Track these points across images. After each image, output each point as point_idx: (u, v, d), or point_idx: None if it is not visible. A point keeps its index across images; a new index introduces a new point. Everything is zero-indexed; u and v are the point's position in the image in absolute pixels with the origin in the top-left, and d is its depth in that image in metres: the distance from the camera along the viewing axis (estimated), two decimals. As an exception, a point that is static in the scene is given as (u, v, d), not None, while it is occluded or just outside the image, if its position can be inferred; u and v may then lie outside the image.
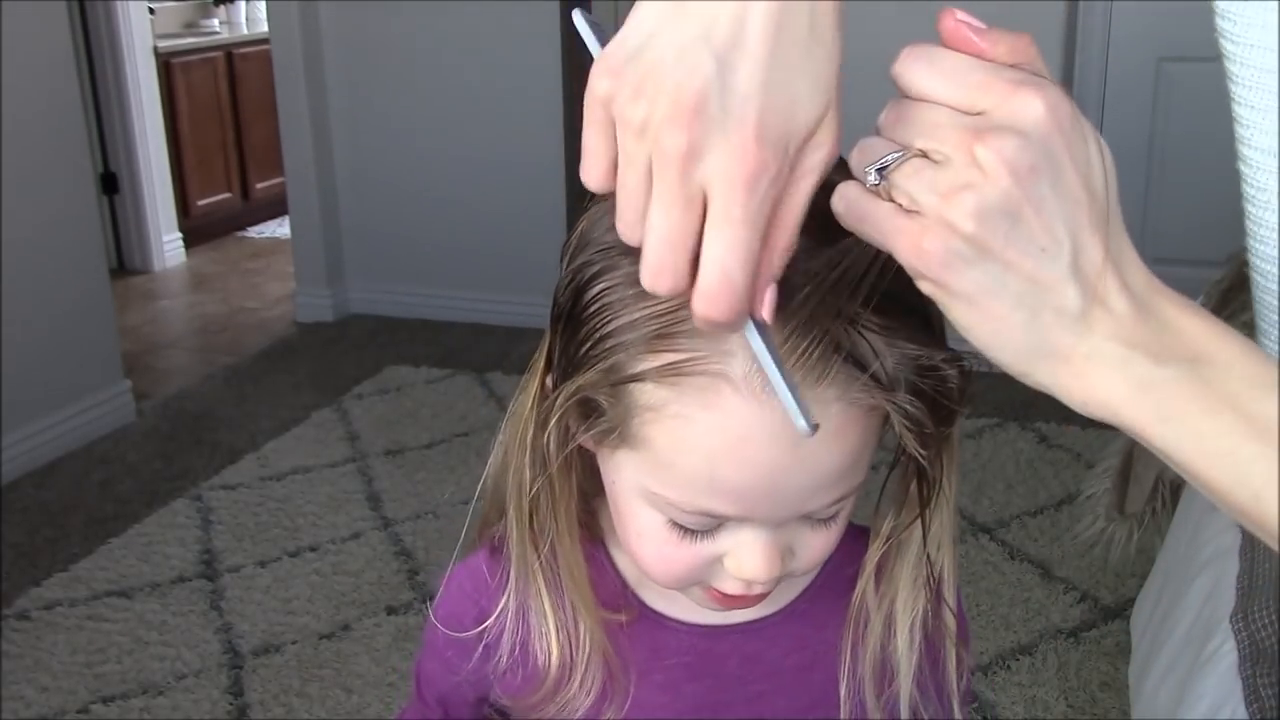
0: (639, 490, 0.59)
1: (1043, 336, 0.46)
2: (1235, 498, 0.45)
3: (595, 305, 0.56)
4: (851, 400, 0.54)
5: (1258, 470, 0.44)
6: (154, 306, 4.56)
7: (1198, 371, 0.45)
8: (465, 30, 3.85)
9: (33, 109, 3.01)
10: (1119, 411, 0.46)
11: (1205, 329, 0.46)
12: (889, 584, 0.67)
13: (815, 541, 0.61)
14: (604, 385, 0.56)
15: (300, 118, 4.00)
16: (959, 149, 0.45)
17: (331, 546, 2.61)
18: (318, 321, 4.19)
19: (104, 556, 2.60)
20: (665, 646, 0.70)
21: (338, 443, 3.16)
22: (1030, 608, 2.33)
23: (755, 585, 0.60)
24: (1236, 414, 0.44)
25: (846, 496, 0.59)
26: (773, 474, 0.55)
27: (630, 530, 0.61)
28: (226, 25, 5.61)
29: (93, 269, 3.26)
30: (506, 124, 3.89)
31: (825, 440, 0.54)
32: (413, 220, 4.07)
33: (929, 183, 0.46)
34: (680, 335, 0.54)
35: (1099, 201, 0.47)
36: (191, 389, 3.63)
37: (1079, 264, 0.46)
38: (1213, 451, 0.45)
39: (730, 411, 0.53)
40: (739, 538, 0.59)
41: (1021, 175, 0.44)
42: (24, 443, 3.03)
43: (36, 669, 2.21)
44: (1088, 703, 2.05)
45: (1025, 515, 2.65)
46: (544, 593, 0.67)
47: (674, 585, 0.63)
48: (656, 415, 0.55)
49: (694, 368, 0.53)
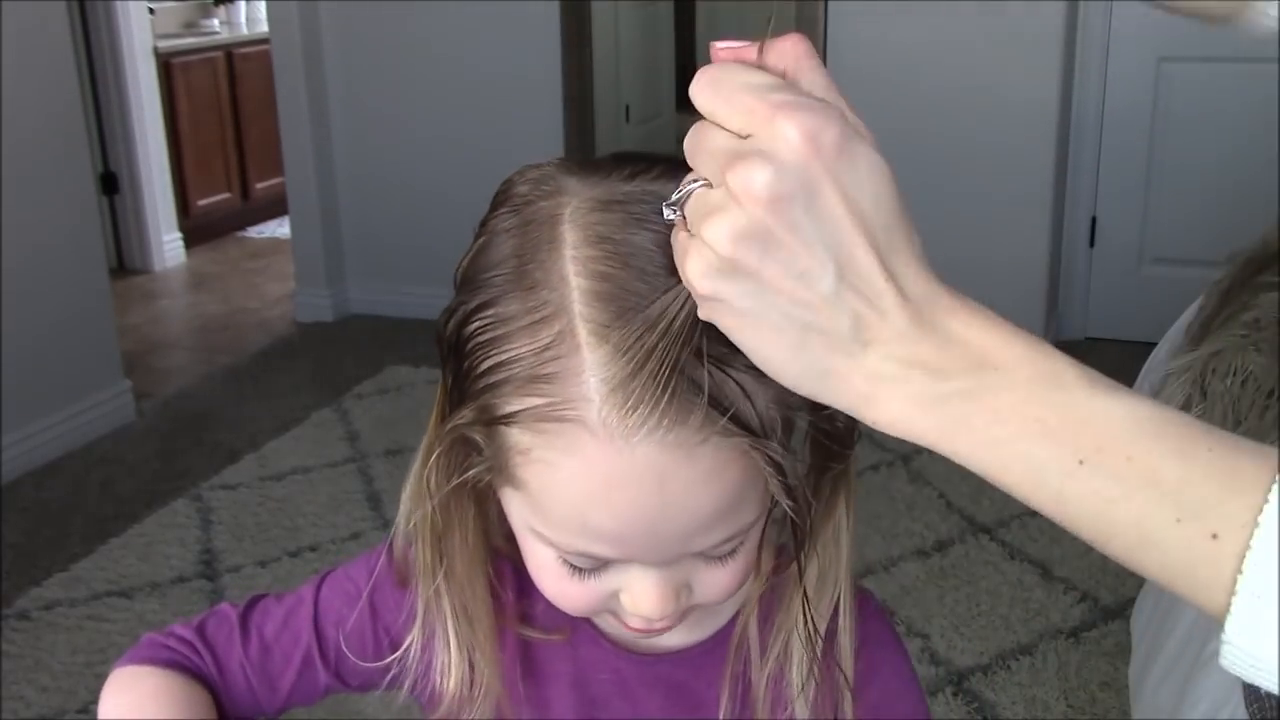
0: (527, 528, 0.58)
1: (816, 357, 0.46)
2: (1038, 501, 0.44)
3: (472, 342, 0.56)
4: (720, 444, 0.53)
5: (1052, 470, 0.43)
6: (154, 306, 4.56)
7: (982, 380, 0.45)
8: (465, 30, 3.85)
9: (33, 109, 3.01)
10: (911, 431, 0.46)
11: (988, 336, 0.45)
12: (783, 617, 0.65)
13: (713, 578, 0.59)
14: (478, 425, 0.56)
15: (300, 118, 4.00)
16: (717, 176, 0.46)
17: (331, 546, 2.61)
18: (318, 321, 4.19)
19: (104, 556, 2.60)
20: (600, 661, 0.69)
21: (338, 443, 3.16)
22: (1030, 608, 2.33)
23: (655, 621, 0.59)
24: (1023, 417, 0.44)
25: (736, 536, 0.57)
26: (644, 519, 0.54)
27: (531, 565, 0.61)
28: (226, 25, 5.61)
29: (93, 269, 3.26)
30: (506, 124, 3.89)
31: (698, 483, 0.53)
32: (413, 220, 4.07)
33: (696, 207, 0.47)
34: (543, 380, 0.53)
35: (868, 220, 0.46)
36: (191, 389, 3.63)
37: (846, 283, 0.45)
38: (1008, 458, 0.44)
39: (590, 458, 0.52)
40: (630, 576, 0.58)
41: (771, 204, 0.44)
42: (24, 443, 3.03)
43: (36, 669, 2.21)
44: (1088, 703, 2.05)
45: (1025, 515, 2.65)
46: (449, 623, 0.65)
47: (581, 614, 0.62)
48: (526, 459, 0.55)
49: (554, 413, 0.52)
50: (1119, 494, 0.42)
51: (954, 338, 0.46)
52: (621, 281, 0.52)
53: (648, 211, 0.54)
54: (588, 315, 0.52)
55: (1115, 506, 0.43)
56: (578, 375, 0.52)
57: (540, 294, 0.54)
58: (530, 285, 0.54)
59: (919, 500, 2.75)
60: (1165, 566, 0.42)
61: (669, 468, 0.52)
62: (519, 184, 0.59)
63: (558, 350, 0.52)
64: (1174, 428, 0.43)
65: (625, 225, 0.54)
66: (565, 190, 0.57)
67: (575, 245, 0.54)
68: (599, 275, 0.53)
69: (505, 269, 0.56)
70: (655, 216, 0.53)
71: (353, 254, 4.21)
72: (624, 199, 0.55)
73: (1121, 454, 0.42)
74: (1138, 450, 0.42)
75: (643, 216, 0.54)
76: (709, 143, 0.47)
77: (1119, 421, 0.43)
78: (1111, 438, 0.43)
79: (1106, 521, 0.43)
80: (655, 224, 0.53)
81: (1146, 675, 0.90)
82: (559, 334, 0.52)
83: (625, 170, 0.57)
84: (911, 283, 0.46)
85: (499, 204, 0.59)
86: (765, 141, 0.45)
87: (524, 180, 0.59)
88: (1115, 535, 0.43)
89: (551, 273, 0.54)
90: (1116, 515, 0.43)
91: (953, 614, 2.31)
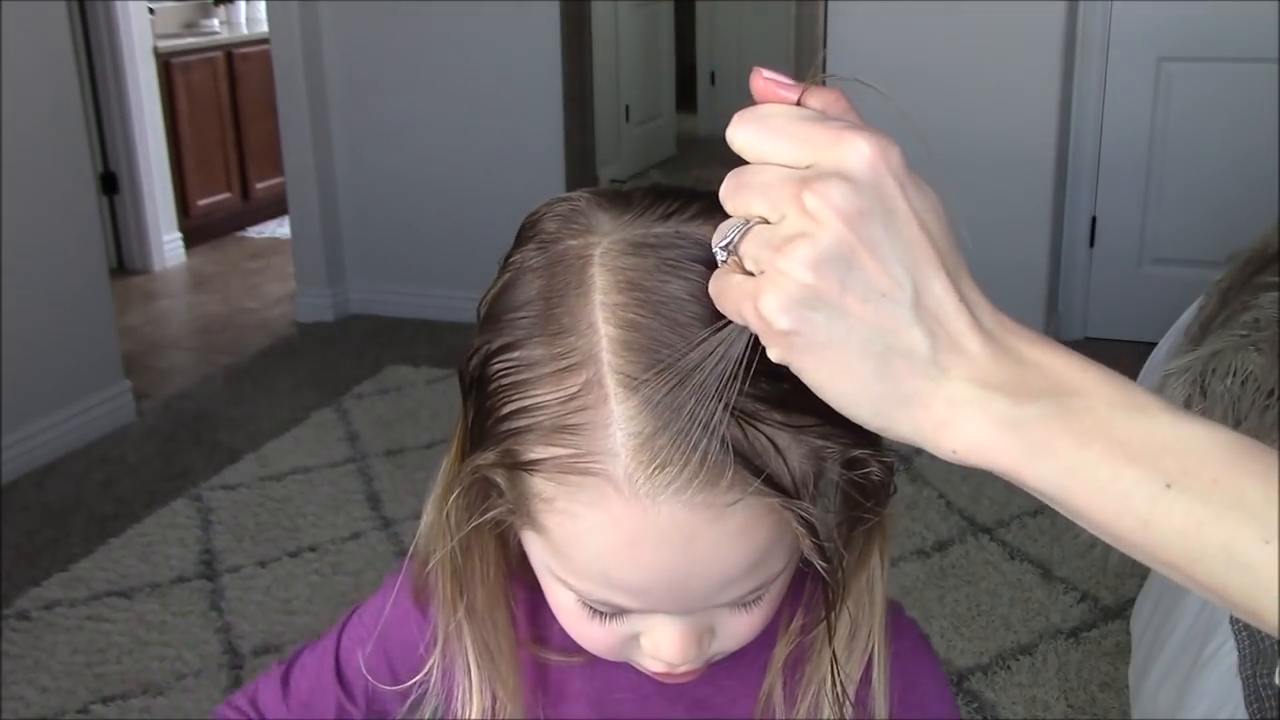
0: (548, 570, 0.57)
1: (896, 384, 0.45)
2: (1122, 528, 0.44)
3: (496, 383, 0.54)
4: (750, 503, 0.51)
5: (1139, 495, 0.43)
6: (154, 306, 4.56)
7: (1063, 404, 0.44)
8: (465, 30, 3.85)
9: (33, 109, 3.01)
10: (989, 456, 0.45)
11: (1063, 361, 0.45)
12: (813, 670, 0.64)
13: (737, 624, 0.58)
14: (500, 468, 0.54)
15: (300, 118, 4.00)
16: (790, 201, 0.45)
17: (331, 546, 2.61)
18: (318, 321, 4.19)
19: (104, 556, 2.60)
20: (617, 680, 0.68)
21: (338, 443, 3.16)
22: (1030, 608, 2.33)
23: (677, 667, 0.58)
24: (1108, 441, 0.43)
25: (763, 586, 0.56)
26: (669, 575, 0.52)
27: (552, 603, 0.60)
28: (226, 25, 5.61)
29: (93, 269, 3.26)
30: (507, 124, 3.89)
31: (726, 541, 0.51)
32: (413, 220, 4.07)
33: (765, 241, 0.45)
34: (568, 430, 0.51)
35: (938, 243, 0.45)
36: (191, 389, 3.63)
37: (923, 305, 0.45)
38: (1091, 483, 0.43)
39: (615, 514, 0.51)
40: (652, 622, 0.57)
41: (852, 219, 0.44)
42: (24, 443, 3.03)
43: (36, 669, 2.21)
44: (1088, 703, 2.05)
45: (1025, 515, 2.65)
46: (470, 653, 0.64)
47: (604, 656, 0.61)
48: (549, 507, 0.53)
49: (578, 466, 0.51)
50: (1208, 516, 0.42)
51: (1029, 362, 0.45)
52: (652, 331, 0.51)
53: (681, 257, 0.52)
54: (617, 366, 0.51)
55: (1204, 529, 0.42)
56: (605, 428, 0.50)
57: (568, 340, 0.52)
58: (557, 330, 0.52)
59: (919, 500, 2.75)
60: (1254, 589, 0.42)
61: (697, 528, 0.51)
62: (547, 219, 0.57)
63: (584, 400, 0.51)
64: (1255, 451, 0.43)
65: (658, 271, 0.52)
66: (595, 229, 0.55)
67: (605, 290, 0.52)
68: (629, 324, 0.51)
69: (531, 311, 0.54)
70: (689, 263, 0.52)
71: (353, 254, 4.21)
72: (656, 242, 0.53)
73: (1208, 476, 0.42)
74: (1223, 473, 0.42)
75: (676, 263, 0.52)
76: (760, 177, 0.46)
77: (1202, 445, 0.43)
78: (1196, 461, 0.42)
79: (1196, 544, 0.42)
80: (689, 271, 0.52)
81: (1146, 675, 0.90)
82: (586, 383, 0.51)
83: (659, 208, 0.55)
84: (981, 309, 0.46)
85: (525, 239, 0.58)
86: (833, 163, 0.45)
87: (553, 215, 0.57)
88: (1202, 559, 0.42)
89: (580, 319, 0.52)
90: (1205, 537, 0.42)
91: (953, 614, 2.31)
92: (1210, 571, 0.42)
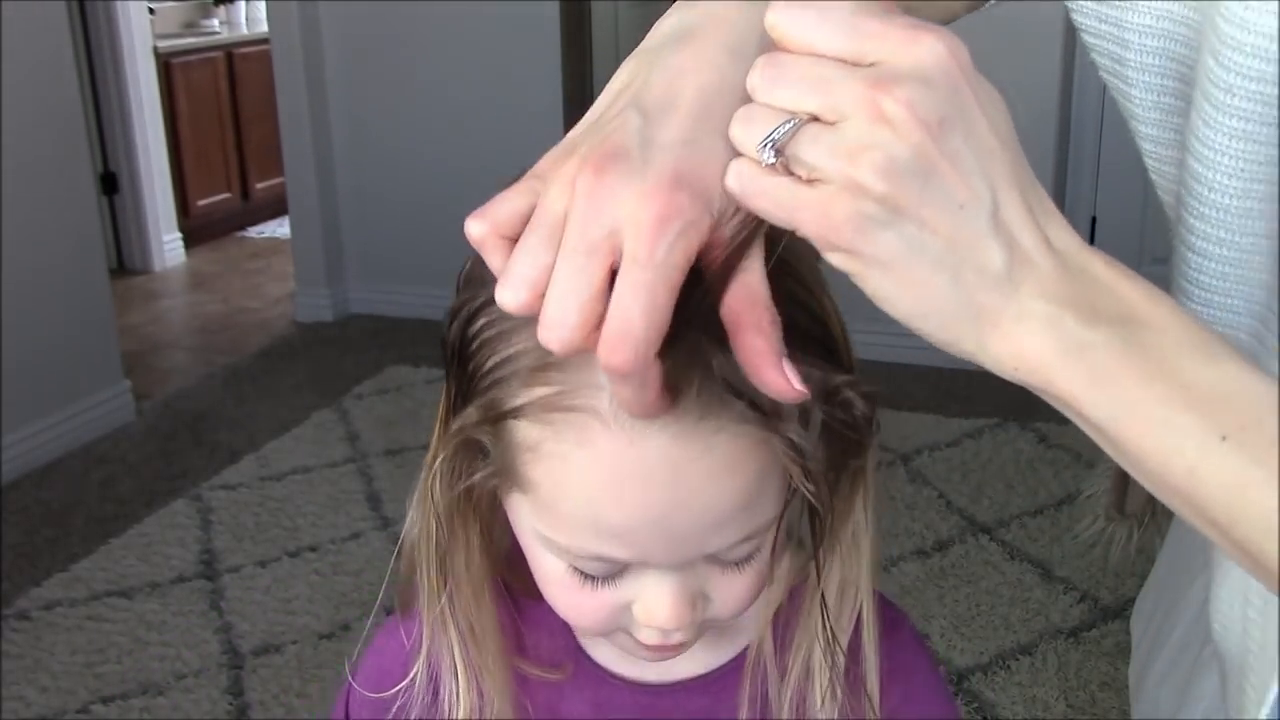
0: (536, 536, 0.56)
1: (968, 298, 0.43)
2: (1168, 473, 0.42)
3: (478, 340, 0.54)
4: (736, 432, 0.50)
5: (1191, 443, 0.41)
6: (154, 306, 4.56)
7: (1131, 334, 0.42)
8: (465, 30, 3.85)
9: (33, 109, 3.01)
10: (1049, 378, 0.43)
11: (1137, 290, 0.43)
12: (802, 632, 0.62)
13: (729, 586, 0.57)
14: (485, 424, 0.53)
15: (300, 118, 4.00)
16: (860, 105, 0.41)
17: (331, 546, 2.61)
18: (318, 321, 4.19)
19: (104, 556, 2.60)
20: (608, 703, 0.67)
21: (338, 443, 3.16)
22: (1030, 608, 2.33)
23: (671, 634, 0.57)
24: (1171, 382, 0.41)
25: (752, 536, 0.55)
26: (659, 513, 0.51)
27: (540, 578, 0.59)
28: (226, 25, 5.61)
29: (93, 269, 3.26)
30: (506, 123, 3.89)
31: (713, 476, 0.51)
32: (413, 220, 4.07)
33: (829, 147, 0.41)
34: (553, 368, 0.50)
35: (1011, 152, 0.43)
36: (191, 389, 3.63)
37: (999, 218, 0.42)
38: (1145, 421, 0.42)
39: (602, 449, 0.50)
40: (644, 584, 0.56)
41: (933, 128, 0.41)
42: (24, 443, 3.03)
43: (36, 669, 2.21)
44: (1088, 703, 2.05)
45: (1025, 515, 2.65)
46: (455, 648, 0.63)
47: (595, 633, 0.60)
48: (535, 455, 0.52)
49: (564, 402, 0.50)
50: (1259, 478, 0.40)
51: (1102, 283, 0.43)
52: None
53: None
54: None
55: (1251, 490, 0.40)
56: (588, 361, 0.49)
57: None
58: None
59: (919, 500, 2.75)
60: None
61: (683, 460, 0.50)
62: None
63: None
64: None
65: None
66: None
67: None
68: None
69: None
70: None
71: (353, 254, 4.21)
72: None
73: (1266, 437, 0.40)
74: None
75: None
76: (813, 70, 0.42)
77: (1267, 402, 0.41)
78: (1258, 419, 0.41)
79: (1240, 504, 0.41)
80: None
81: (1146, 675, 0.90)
82: None
83: None
84: (1054, 224, 0.44)
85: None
86: (906, 65, 0.41)
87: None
88: (1244, 520, 0.41)
89: None
90: (1251, 498, 0.40)
91: (953, 614, 2.31)
92: (1249, 536, 0.41)
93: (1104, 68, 0.61)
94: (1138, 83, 0.60)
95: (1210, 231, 0.55)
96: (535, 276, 0.45)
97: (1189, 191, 0.56)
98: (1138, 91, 0.60)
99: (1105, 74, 0.62)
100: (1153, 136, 0.62)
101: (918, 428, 3.09)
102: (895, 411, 3.12)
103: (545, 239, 0.45)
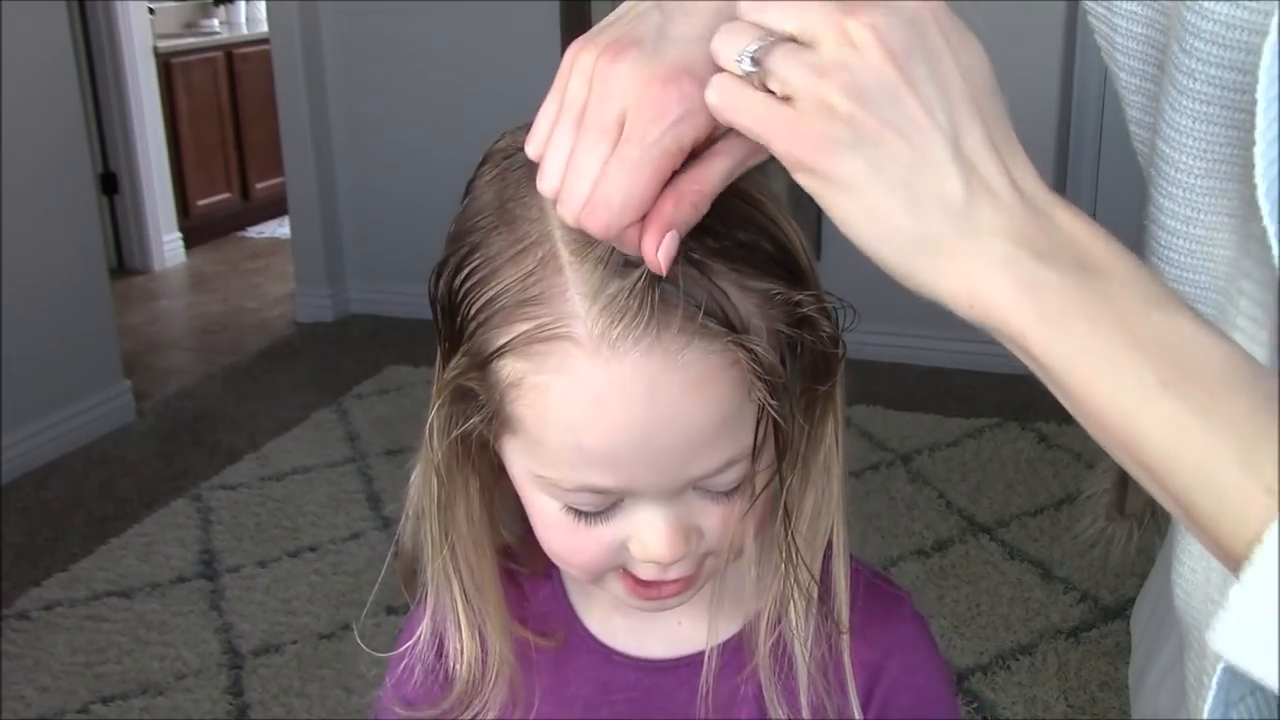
0: (529, 477, 0.58)
1: (925, 226, 0.44)
2: (1106, 415, 0.43)
3: (463, 288, 0.56)
4: (706, 348, 0.52)
5: (1132, 385, 0.42)
6: (154, 306, 4.56)
7: (1087, 280, 0.43)
8: (465, 30, 3.85)
9: (33, 109, 3.01)
10: (1003, 316, 0.44)
11: (1098, 240, 0.44)
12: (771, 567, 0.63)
13: (719, 518, 0.58)
14: (473, 369, 0.56)
15: (300, 118, 4.00)
16: (830, 28, 0.44)
17: (331, 546, 2.61)
18: (318, 321, 4.19)
19: (104, 556, 2.60)
20: (612, 681, 0.68)
21: (338, 443, 3.16)
22: (1030, 608, 2.33)
23: (669, 569, 0.58)
24: (1122, 328, 0.42)
25: (735, 462, 0.56)
26: (640, 434, 0.53)
27: (537, 523, 0.60)
28: (226, 25, 5.61)
29: (93, 269, 3.26)
30: (506, 124, 3.86)
31: (688, 392, 0.53)
32: (413, 220, 4.07)
33: (802, 64, 0.44)
34: (529, 303, 0.53)
35: (980, 91, 0.45)
36: (191, 389, 3.63)
37: (960, 147, 0.44)
38: (1093, 363, 0.42)
39: (580, 374, 0.52)
40: (637, 517, 0.57)
41: (896, 54, 0.43)
42: (24, 443, 3.03)
43: (36, 669, 2.21)
44: (1088, 703, 2.05)
45: (1025, 515, 2.65)
46: (458, 600, 0.64)
47: (591, 576, 0.61)
48: (519, 390, 0.55)
49: (542, 334, 0.53)
50: (1195, 427, 0.41)
51: (1061, 227, 0.44)
52: None
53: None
54: (568, 237, 0.53)
55: (1187, 438, 0.41)
56: (562, 294, 0.52)
57: (522, 227, 0.54)
58: (511, 220, 0.55)
59: (919, 500, 2.75)
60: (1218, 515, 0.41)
61: (657, 376, 0.52)
62: (500, 141, 0.61)
63: (541, 274, 0.53)
64: (1263, 380, 0.41)
65: None
66: None
67: None
68: None
69: (488, 213, 0.57)
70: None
71: (353, 254, 4.21)
72: None
73: (1206, 389, 0.41)
74: (1223, 390, 0.41)
75: None
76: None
77: (1215, 358, 0.42)
78: (1201, 371, 0.41)
79: (1175, 452, 0.41)
80: None
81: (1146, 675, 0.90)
82: (542, 259, 0.53)
83: None
84: (1018, 166, 0.45)
85: (482, 164, 0.61)
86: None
87: (504, 137, 0.60)
88: (1179, 471, 0.41)
89: (531, 206, 0.54)
90: (1187, 446, 0.41)
91: (953, 614, 2.31)
92: (1183, 486, 0.41)
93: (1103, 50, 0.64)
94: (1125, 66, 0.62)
95: (1178, 210, 0.57)
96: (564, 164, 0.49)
97: (1158, 172, 0.58)
98: (1124, 75, 0.62)
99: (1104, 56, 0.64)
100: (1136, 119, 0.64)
101: (918, 428, 3.09)
102: (895, 411, 3.12)
103: (571, 127, 0.49)
